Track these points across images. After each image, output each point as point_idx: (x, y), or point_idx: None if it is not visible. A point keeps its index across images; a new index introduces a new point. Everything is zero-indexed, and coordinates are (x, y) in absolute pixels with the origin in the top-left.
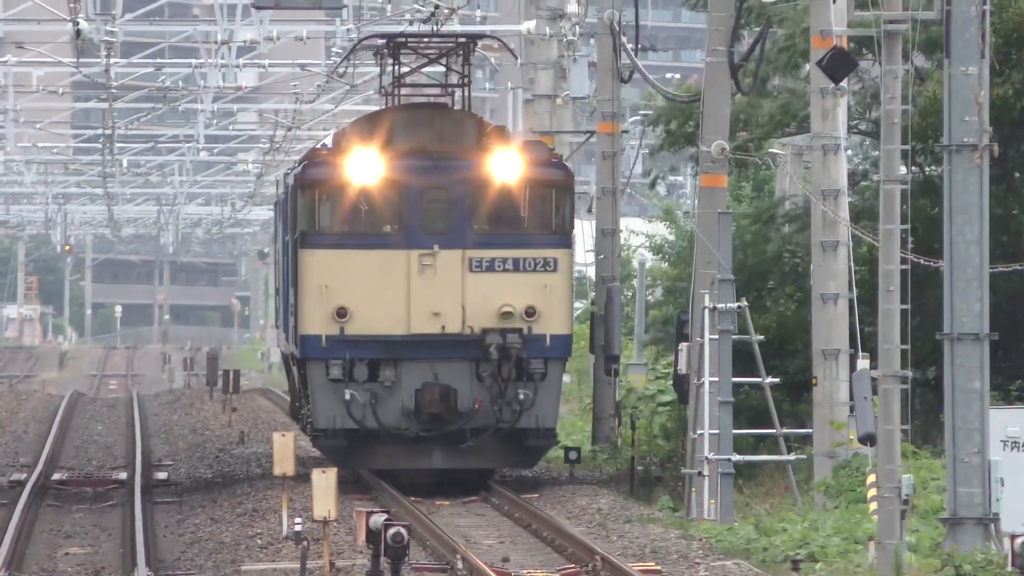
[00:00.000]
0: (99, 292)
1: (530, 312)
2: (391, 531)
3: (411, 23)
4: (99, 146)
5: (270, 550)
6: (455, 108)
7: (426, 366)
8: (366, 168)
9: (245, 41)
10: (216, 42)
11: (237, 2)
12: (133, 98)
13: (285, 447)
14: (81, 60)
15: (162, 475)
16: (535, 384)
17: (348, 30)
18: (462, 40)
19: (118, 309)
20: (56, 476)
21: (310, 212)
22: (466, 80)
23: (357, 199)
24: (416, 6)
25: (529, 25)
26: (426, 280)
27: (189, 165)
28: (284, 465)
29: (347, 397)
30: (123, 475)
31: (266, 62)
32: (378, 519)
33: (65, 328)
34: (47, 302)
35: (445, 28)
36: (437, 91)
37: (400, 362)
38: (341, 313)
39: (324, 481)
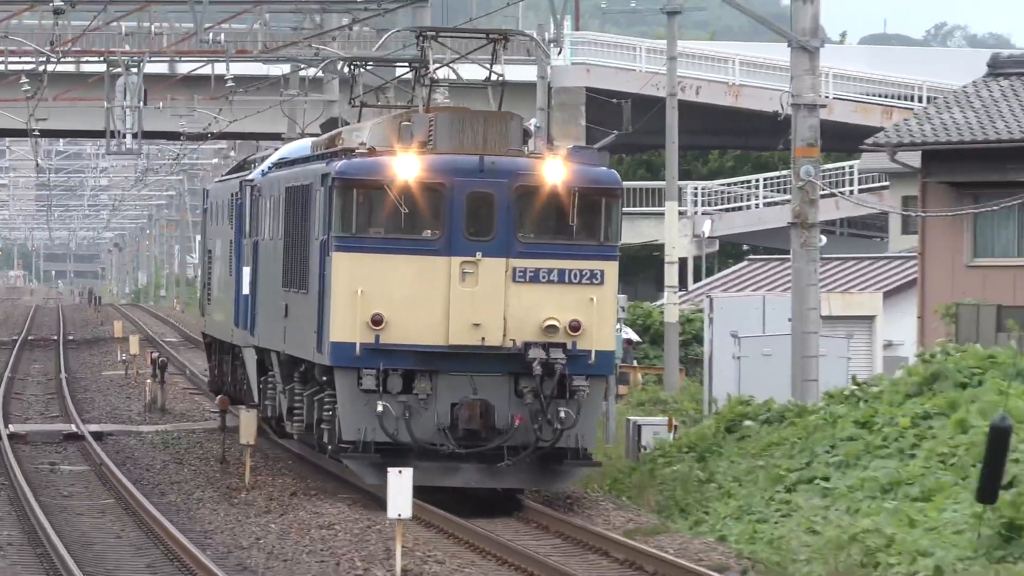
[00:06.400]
0: (47, 266)
1: (575, 326)
2: (159, 359)
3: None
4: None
5: (116, 366)
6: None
7: (464, 380)
8: (408, 168)
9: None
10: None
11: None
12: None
13: (122, 327)
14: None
15: (71, 337)
16: (577, 402)
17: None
18: (495, 36)
19: (54, 273)
20: (30, 337)
21: (346, 213)
22: (500, 78)
23: (397, 201)
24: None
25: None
26: (467, 289)
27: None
28: (118, 332)
29: (380, 409)
30: (55, 337)
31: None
32: (156, 355)
33: (33, 280)
34: (26, 269)
35: (471, 26)
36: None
37: (437, 374)
38: (376, 321)
39: (134, 341)
